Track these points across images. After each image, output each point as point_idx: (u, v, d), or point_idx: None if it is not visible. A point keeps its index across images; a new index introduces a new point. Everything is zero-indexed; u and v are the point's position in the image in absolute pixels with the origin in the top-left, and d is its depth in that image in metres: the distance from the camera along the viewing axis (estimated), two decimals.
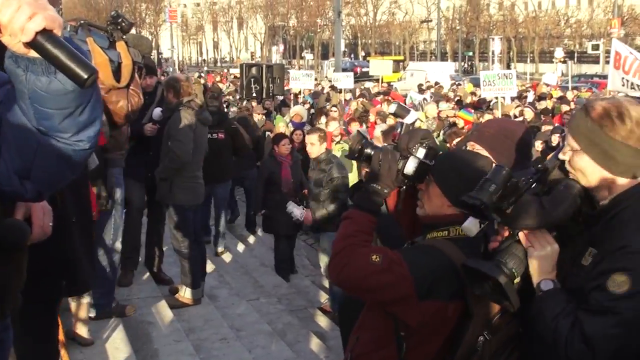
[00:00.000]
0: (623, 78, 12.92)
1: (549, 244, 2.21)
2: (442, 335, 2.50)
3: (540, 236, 2.22)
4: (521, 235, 2.23)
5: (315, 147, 7.39)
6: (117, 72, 5.34)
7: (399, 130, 2.85)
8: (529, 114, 14.19)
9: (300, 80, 18.88)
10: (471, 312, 2.43)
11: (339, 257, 2.51)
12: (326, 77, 40.22)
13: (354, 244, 2.49)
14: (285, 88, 19.94)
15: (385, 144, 3.02)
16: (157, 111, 6.70)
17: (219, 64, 78.03)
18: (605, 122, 2.13)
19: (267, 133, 11.98)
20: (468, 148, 2.98)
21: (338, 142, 9.73)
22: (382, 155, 2.63)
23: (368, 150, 2.70)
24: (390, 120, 10.12)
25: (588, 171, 2.18)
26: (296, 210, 7.72)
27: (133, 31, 6.34)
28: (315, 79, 25.83)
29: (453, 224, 2.57)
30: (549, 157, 2.91)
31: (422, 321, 2.45)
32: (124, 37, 5.53)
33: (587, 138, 2.17)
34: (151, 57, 8.00)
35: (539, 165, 2.37)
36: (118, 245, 5.81)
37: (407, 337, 2.50)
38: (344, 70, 29.86)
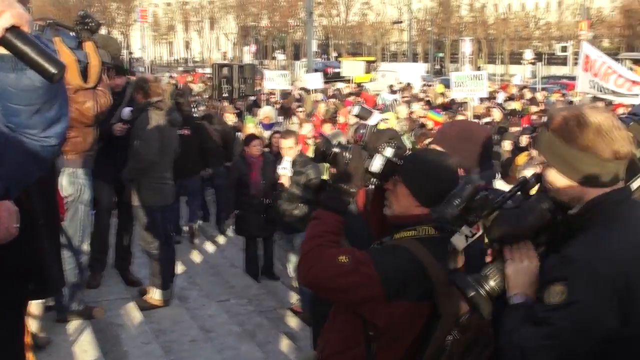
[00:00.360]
0: (591, 80, 13.14)
1: (527, 259, 2.18)
2: (411, 335, 2.52)
3: (521, 250, 2.19)
4: (505, 249, 2.23)
5: (292, 150, 7.38)
6: (84, 73, 5.31)
7: (361, 131, 2.88)
8: (497, 115, 14.32)
9: (275, 81, 18.88)
10: (440, 311, 2.46)
11: (306, 258, 2.53)
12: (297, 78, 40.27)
13: (321, 245, 2.50)
14: (257, 88, 19.91)
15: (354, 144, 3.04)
16: (126, 111, 6.66)
17: (190, 64, 77.45)
18: (564, 133, 2.10)
19: (238, 134, 11.96)
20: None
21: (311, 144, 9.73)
22: (348, 154, 2.65)
23: (335, 150, 2.71)
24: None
25: (557, 183, 2.16)
26: None
27: (103, 31, 6.30)
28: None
29: (421, 223, 2.59)
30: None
31: (390, 321, 2.47)
32: (93, 37, 5.50)
33: (550, 150, 2.15)
34: (121, 57, 7.94)
35: (520, 177, 2.37)
36: (86, 246, 5.76)
37: (376, 337, 2.51)
38: (316, 70, 29.89)
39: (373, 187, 2.76)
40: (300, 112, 14.17)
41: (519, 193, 2.28)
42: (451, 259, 2.52)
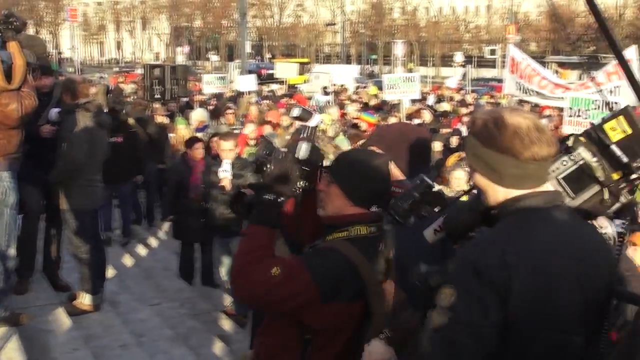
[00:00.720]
0: (518, 82, 13.52)
1: None
2: (345, 335, 2.54)
3: None
4: None
5: (232, 153, 7.27)
6: (8, 74, 5.17)
7: (303, 134, 2.87)
8: (427, 116, 14.56)
9: (213, 84, 18.75)
10: (372, 310, 2.49)
11: (239, 276, 2.52)
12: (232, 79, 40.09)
13: (251, 262, 2.49)
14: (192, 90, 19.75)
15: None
16: (53, 112, 6.51)
17: (121, 64, 76.12)
18: (484, 136, 2.10)
19: (170, 135, 11.83)
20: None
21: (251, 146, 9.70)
22: (270, 166, 2.64)
23: (261, 160, 2.73)
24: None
25: (482, 187, 2.16)
26: None
27: (31, 30, 6.16)
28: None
29: (353, 224, 2.60)
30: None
31: (326, 323, 2.49)
32: (17, 36, 5.36)
33: (473, 154, 2.15)
34: (49, 56, 7.77)
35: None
36: (12, 251, 5.60)
37: (312, 340, 2.53)
38: (250, 72, 29.80)
39: (300, 191, 2.75)
40: (230, 113, 14.09)
41: (474, 191, 2.33)
42: (380, 256, 2.56)
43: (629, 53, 11.18)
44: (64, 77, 10.21)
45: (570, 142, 2.23)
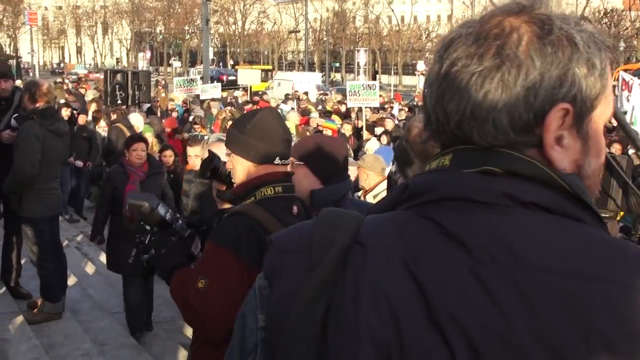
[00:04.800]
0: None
1: None
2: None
3: None
4: None
5: (199, 159, 6.68)
6: None
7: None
8: (389, 124, 14.68)
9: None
10: None
11: (185, 312, 2.59)
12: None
13: (185, 297, 2.54)
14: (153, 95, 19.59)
15: None
16: (13, 118, 6.41)
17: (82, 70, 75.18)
18: (419, 144, 2.24)
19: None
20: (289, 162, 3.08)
21: None
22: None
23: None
24: None
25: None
26: None
27: None
28: None
29: (258, 187, 2.56)
30: None
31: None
32: None
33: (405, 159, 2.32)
34: (6, 61, 7.63)
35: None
36: None
37: None
38: (212, 78, 29.69)
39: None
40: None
41: None
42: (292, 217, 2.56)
43: None
44: (24, 80, 10.06)
45: None
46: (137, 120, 11.21)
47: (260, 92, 30.12)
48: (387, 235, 0.95)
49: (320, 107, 21.61)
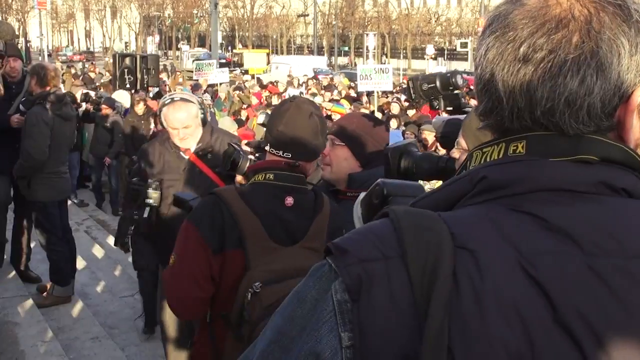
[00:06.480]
0: None
1: None
2: (226, 287, 2.41)
3: None
4: None
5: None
6: None
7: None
8: (395, 108, 14.60)
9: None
10: (247, 264, 2.37)
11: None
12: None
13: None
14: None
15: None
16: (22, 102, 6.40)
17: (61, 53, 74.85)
18: None
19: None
20: (328, 141, 2.99)
21: None
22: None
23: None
24: None
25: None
26: None
27: None
28: None
29: (257, 172, 2.53)
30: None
31: (221, 273, 2.39)
32: None
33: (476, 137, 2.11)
34: (17, 42, 7.62)
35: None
36: None
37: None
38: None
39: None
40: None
41: None
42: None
43: None
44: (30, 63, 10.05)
45: None
46: (122, 97, 11.84)
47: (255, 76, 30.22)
48: (488, 236, 0.89)
49: (330, 91, 21.51)
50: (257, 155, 3.13)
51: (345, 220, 2.33)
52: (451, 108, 2.46)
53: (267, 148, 2.55)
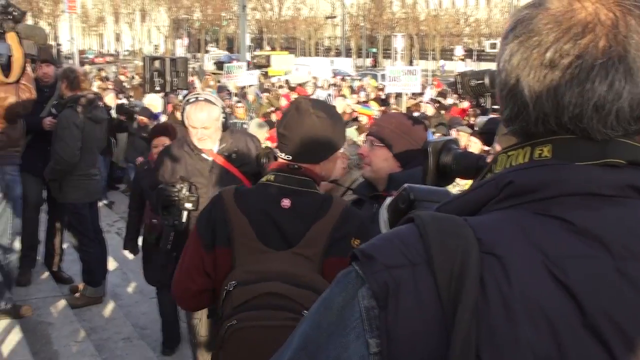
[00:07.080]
0: None
1: None
2: (217, 284, 2.42)
3: None
4: None
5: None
6: (6, 67, 5.06)
7: None
8: (429, 110, 14.53)
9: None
10: (233, 263, 2.37)
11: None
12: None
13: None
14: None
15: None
16: (53, 105, 6.48)
17: (120, 57, 75.92)
18: None
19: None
20: (367, 142, 2.98)
21: None
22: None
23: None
24: None
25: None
26: None
27: (29, 21, 6.08)
28: None
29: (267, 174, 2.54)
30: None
31: (215, 269, 2.41)
32: (16, 27, 5.28)
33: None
34: (49, 47, 7.70)
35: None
36: (16, 244, 5.56)
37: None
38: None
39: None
40: (240, 107, 14.11)
41: None
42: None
43: None
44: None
45: None
46: (154, 100, 11.90)
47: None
48: (515, 241, 0.89)
49: (357, 93, 21.48)
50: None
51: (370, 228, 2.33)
52: (497, 106, 2.44)
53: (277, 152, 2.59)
